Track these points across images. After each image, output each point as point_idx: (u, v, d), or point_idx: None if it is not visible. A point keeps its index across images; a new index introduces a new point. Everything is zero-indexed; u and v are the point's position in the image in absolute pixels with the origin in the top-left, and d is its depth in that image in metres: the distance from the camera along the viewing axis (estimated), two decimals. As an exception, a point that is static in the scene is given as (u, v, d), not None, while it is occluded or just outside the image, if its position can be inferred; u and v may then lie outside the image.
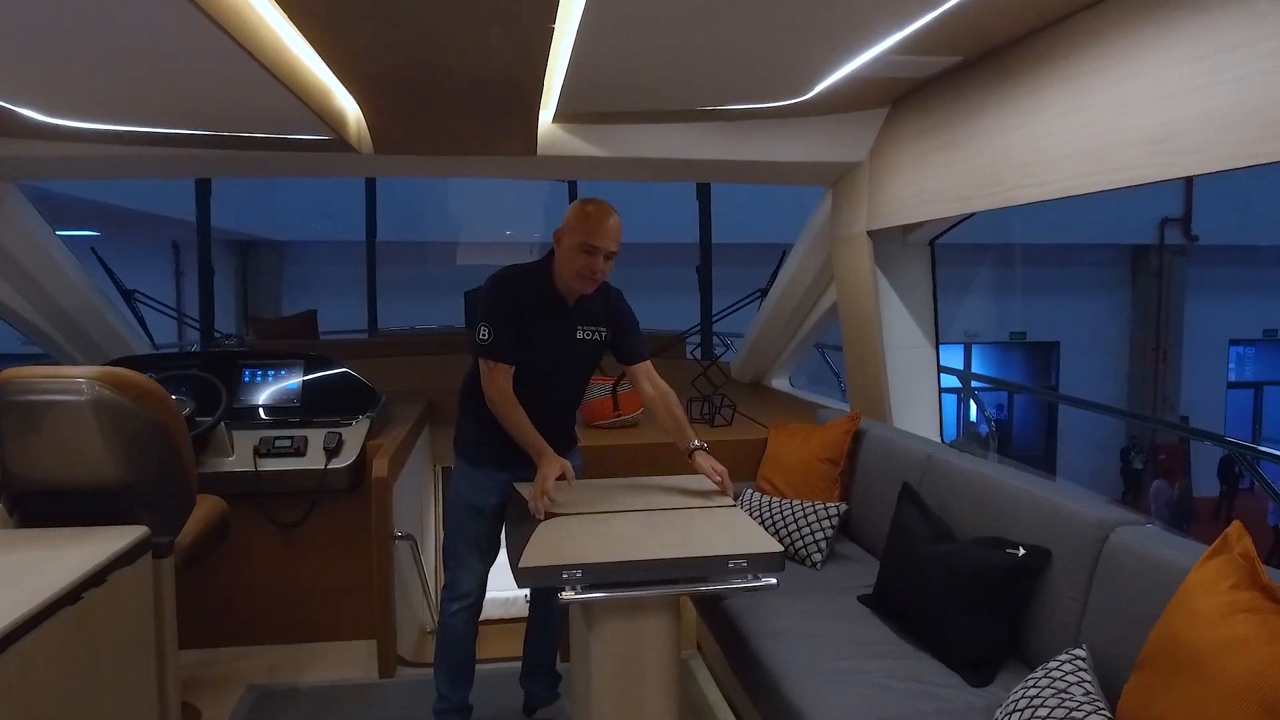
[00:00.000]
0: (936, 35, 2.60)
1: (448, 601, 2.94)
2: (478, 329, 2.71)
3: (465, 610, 2.93)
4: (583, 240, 2.64)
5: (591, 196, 2.80)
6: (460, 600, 2.92)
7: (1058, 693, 1.81)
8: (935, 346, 3.80)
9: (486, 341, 2.69)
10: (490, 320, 2.69)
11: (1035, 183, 2.52)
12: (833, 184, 3.91)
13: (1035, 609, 2.25)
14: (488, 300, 2.73)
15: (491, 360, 2.70)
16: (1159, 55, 2.07)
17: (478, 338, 2.71)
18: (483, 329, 2.70)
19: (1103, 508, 2.22)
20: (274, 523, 3.74)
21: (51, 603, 1.99)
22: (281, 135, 3.34)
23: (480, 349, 2.71)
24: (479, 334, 2.71)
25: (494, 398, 2.71)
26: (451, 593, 2.93)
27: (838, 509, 3.14)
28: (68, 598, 2.08)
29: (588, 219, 2.66)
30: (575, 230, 2.66)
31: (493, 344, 2.69)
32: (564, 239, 2.69)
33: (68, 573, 2.12)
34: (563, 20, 2.33)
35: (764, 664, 2.39)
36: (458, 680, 3.00)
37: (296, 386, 4.01)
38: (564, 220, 2.72)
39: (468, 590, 2.93)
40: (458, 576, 2.92)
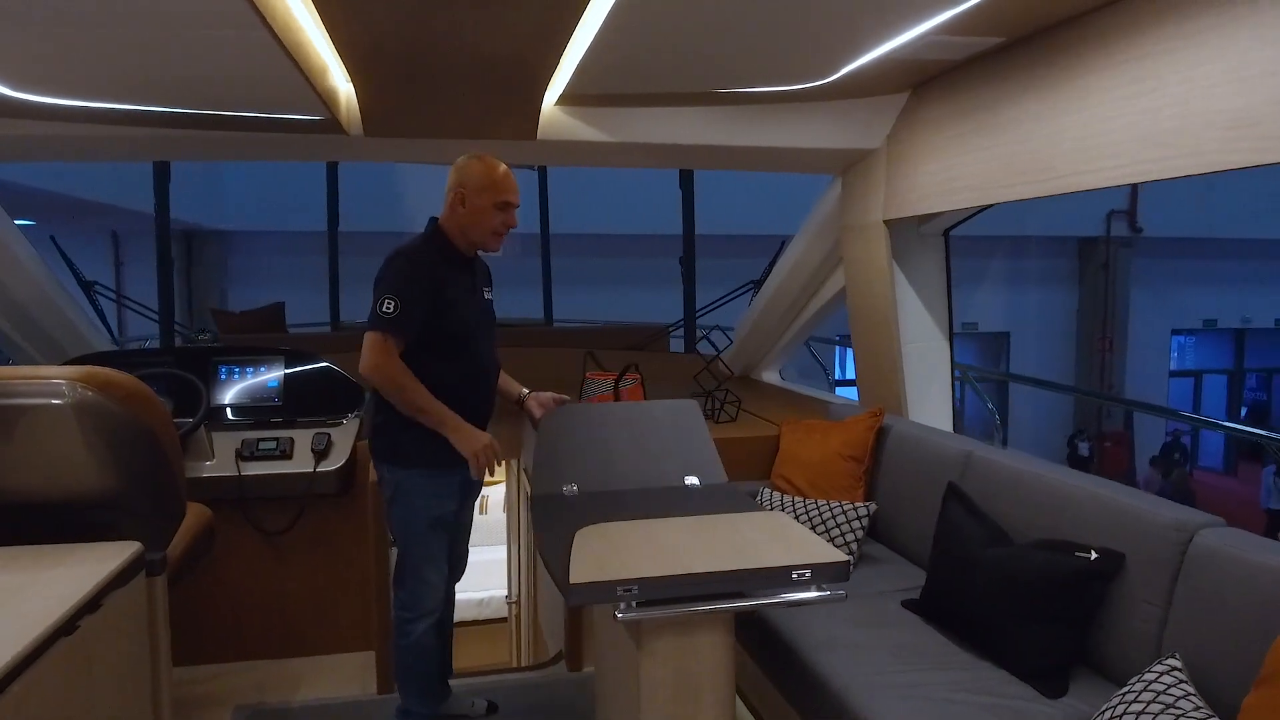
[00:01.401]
0: (980, 14, 2.49)
1: (410, 621, 2.77)
2: (381, 302, 2.53)
3: (434, 626, 2.80)
4: (502, 199, 2.64)
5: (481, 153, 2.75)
6: (426, 618, 2.78)
7: (1165, 707, 1.71)
8: (949, 339, 3.71)
9: (392, 314, 2.52)
10: (400, 294, 2.53)
11: (1093, 169, 2.43)
12: (843, 171, 3.79)
13: (1108, 615, 2.15)
14: (402, 275, 2.57)
15: (393, 334, 2.54)
16: (1243, 36, 1.97)
17: (381, 310, 2.52)
18: (387, 302, 2.53)
19: (1175, 508, 2.14)
20: (259, 530, 3.50)
21: (48, 636, 1.78)
22: (269, 115, 3.11)
23: (378, 322, 2.52)
24: (383, 307, 2.52)
25: (394, 373, 2.55)
26: (415, 611, 2.77)
27: (867, 509, 3.02)
28: (64, 628, 1.86)
29: (501, 176, 2.66)
30: (489, 189, 2.64)
31: (399, 317, 2.53)
32: (471, 198, 2.65)
33: (60, 599, 1.91)
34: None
35: (821, 677, 2.26)
36: (428, 697, 2.89)
37: (277, 384, 3.77)
38: (464, 178, 2.67)
39: (434, 607, 2.79)
40: (420, 595, 2.76)
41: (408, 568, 2.75)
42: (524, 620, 5.65)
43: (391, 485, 2.74)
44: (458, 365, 2.68)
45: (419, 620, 2.75)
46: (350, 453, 3.52)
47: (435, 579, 2.76)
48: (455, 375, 2.72)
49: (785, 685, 2.49)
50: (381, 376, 2.56)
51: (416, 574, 2.74)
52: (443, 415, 2.60)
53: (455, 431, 2.60)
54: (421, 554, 2.73)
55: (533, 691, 3.33)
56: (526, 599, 5.35)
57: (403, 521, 2.74)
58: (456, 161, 2.70)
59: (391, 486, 2.74)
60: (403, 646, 2.80)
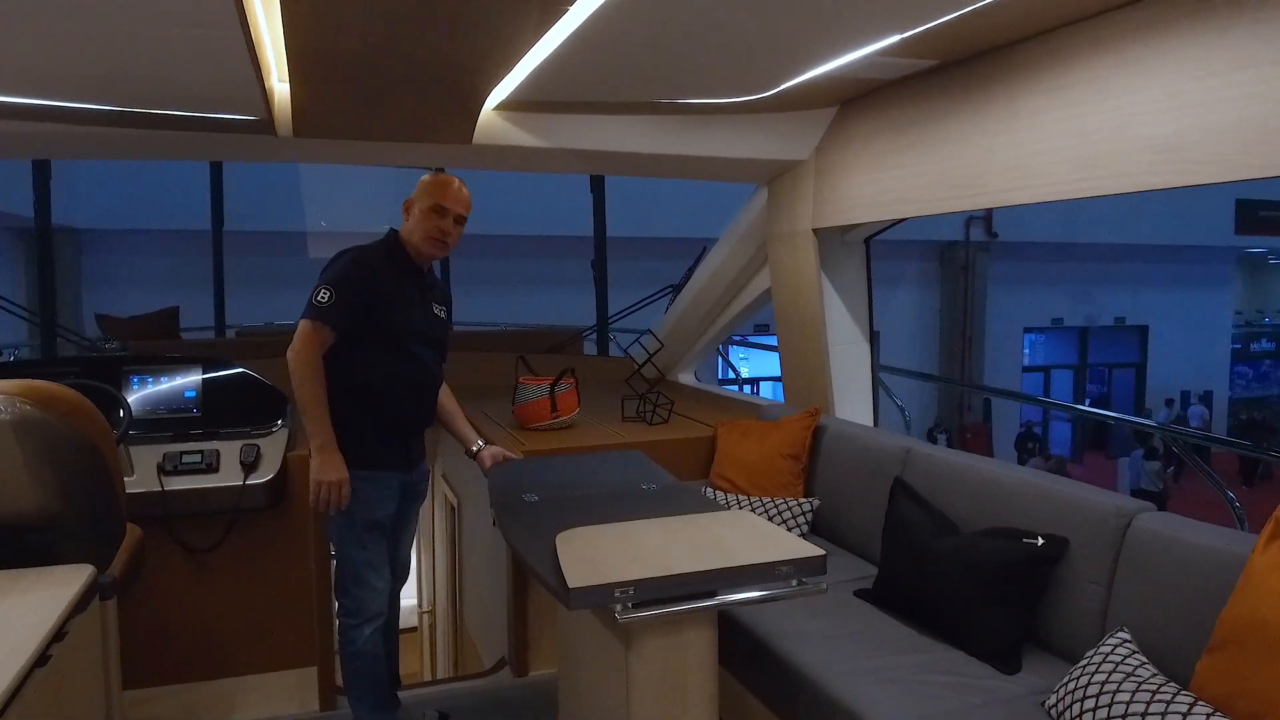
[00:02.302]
0: (919, 39, 2.65)
1: (356, 627, 2.77)
2: (316, 291, 2.60)
3: (378, 632, 2.81)
4: (434, 202, 2.70)
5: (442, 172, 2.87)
6: (372, 623, 2.78)
7: (1126, 676, 1.89)
8: (870, 341, 3.92)
9: (325, 303, 2.58)
10: (335, 285, 2.60)
11: (1025, 185, 2.63)
12: (768, 181, 3.93)
13: (1055, 596, 2.35)
14: (341, 268, 2.64)
15: (321, 323, 2.58)
16: (1170, 69, 2.20)
17: (315, 300, 2.58)
18: (323, 291, 2.59)
19: (1112, 496, 2.35)
20: (184, 548, 3.34)
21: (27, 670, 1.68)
22: (203, 114, 2.98)
23: (312, 308, 2.58)
24: (317, 296, 2.59)
25: (306, 366, 2.56)
26: (359, 616, 2.77)
27: (810, 504, 3.16)
28: (40, 659, 1.76)
29: (438, 184, 2.73)
30: (426, 194, 2.72)
31: (331, 307, 2.58)
32: (413, 206, 2.74)
33: (25, 628, 1.80)
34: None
35: (795, 667, 2.36)
36: (380, 706, 2.86)
37: (194, 394, 3.60)
38: (415, 190, 2.77)
39: (378, 611, 2.80)
40: (364, 600, 2.76)
41: (348, 573, 2.74)
42: (440, 629, 5.57)
43: None
44: (392, 367, 2.71)
45: (364, 625, 2.75)
46: (281, 464, 3.40)
47: (378, 582, 2.76)
48: (388, 377, 2.72)
49: (750, 678, 2.59)
50: (296, 364, 2.57)
51: (358, 579, 2.73)
52: (319, 431, 2.60)
53: (318, 453, 2.60)
54: (361, 558, 2.73)
55: (482, 700, 3.32)
56: (445, 608, 5.28)
57: (340, 526, 2.72)
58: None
59: None
60: (349, 654, 2.77)
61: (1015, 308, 17.47)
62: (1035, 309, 17.86)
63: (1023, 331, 18.06)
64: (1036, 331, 18.52)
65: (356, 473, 2.65)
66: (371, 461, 2.71)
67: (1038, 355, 18.95)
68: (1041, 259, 17.26)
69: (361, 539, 2.74)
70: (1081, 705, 1.91)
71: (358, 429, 2.69)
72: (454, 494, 4.76)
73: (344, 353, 2.65)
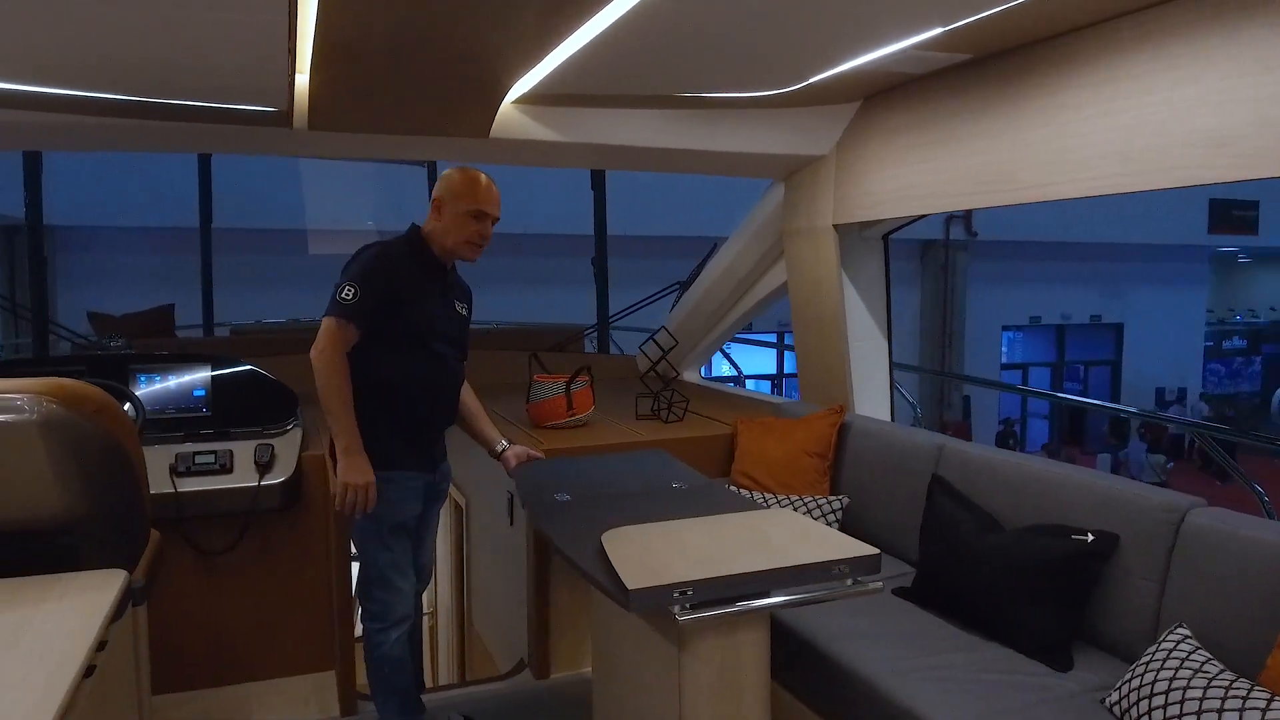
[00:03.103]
0: (957, 33, 2.63)
1: (382, 631, 2.71)
2: (340, 288, 2.54)
3: (405, 636, 2.75)
4: (473, 207, 2.64)
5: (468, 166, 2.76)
6: (399, 626, 2.73)
7: (1195, 671, 1.88)
8: (888, 337, 3.90)
9: (349, 300, 2.53)
10: (360, 282, 2.54)
11: (1065, 180, 2.62)
12: (786, 177, 3.91)
13: (1105, 593, 2.34)
14: (366, 265, 2.59)
15: (346, 320, 2.53)
16: (1220, 64, 2.19)
17: (340, 297, 2.53)
18: (347, 289, 2.54)
19: (1160, 492, 2.35)
20: (199, 550, 3.25)
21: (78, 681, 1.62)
22: (221, 105, 2.89)
23: (335, 307, 2.53)
24: (341, 293, 2.53)
25: (331, 359, 2.52)
26: (385, 620, 2.71)
27: (840, 502, 3.14)
28: (87, 670, 1.69)
29: (476, 185, 2.66)
30: (463, 197, 2.65)
31: (356, 304, 2.53)
32: (446, 206, 2.67)
33: (67, 637, 1.74)
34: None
35: (846, 668, 2.33)
36: (409, 710, 2.81)
37: (204, 393, 3.50)
38: (443, 188, 2.69)
39: (405, 614, 2.74)
40: (390, 603, 2.71)
41: (372, 577, 2.69)
42: (443, 632, 5.49)
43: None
44: (415, 366, 2.66)
45: (391, 629, 2.69)
46: (296, 464, 3.33)
47: (403, 585, 2.71)
48: (408, 376, 2.68)
49: (794, 681, 2.55)
50: (321, 363, 2.53)
51: (382, 582, 2.68)
52: (345, 432, 2.55)
53: (344, 455, 2.56)
54: (387, 561, 2.67)
55: (505, 703, 3.26)
56: (450, 610, 5.21)
57: (365, 529, 2.67)
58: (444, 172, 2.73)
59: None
60: (376, 660, 2.71)
61: (994, 306, 17.62)
62: (1013, 307, 18.03)
63: (1001, 329, 18.23)
64: (1015, 329, 18.71)
65: (379, 473, 2.60)
66: (394, 462, 2.66)
67: (1016, 353, 19.14)
68: (1020, 258, 17.43)
69: (386, 541, 2.69)
70: (1150, 703, 1.89)
71: (380, 429, 2.64)
72: (461, 494, 4.69)
73: (365, 350, 2.61)
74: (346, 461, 2.55)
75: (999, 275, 17.56)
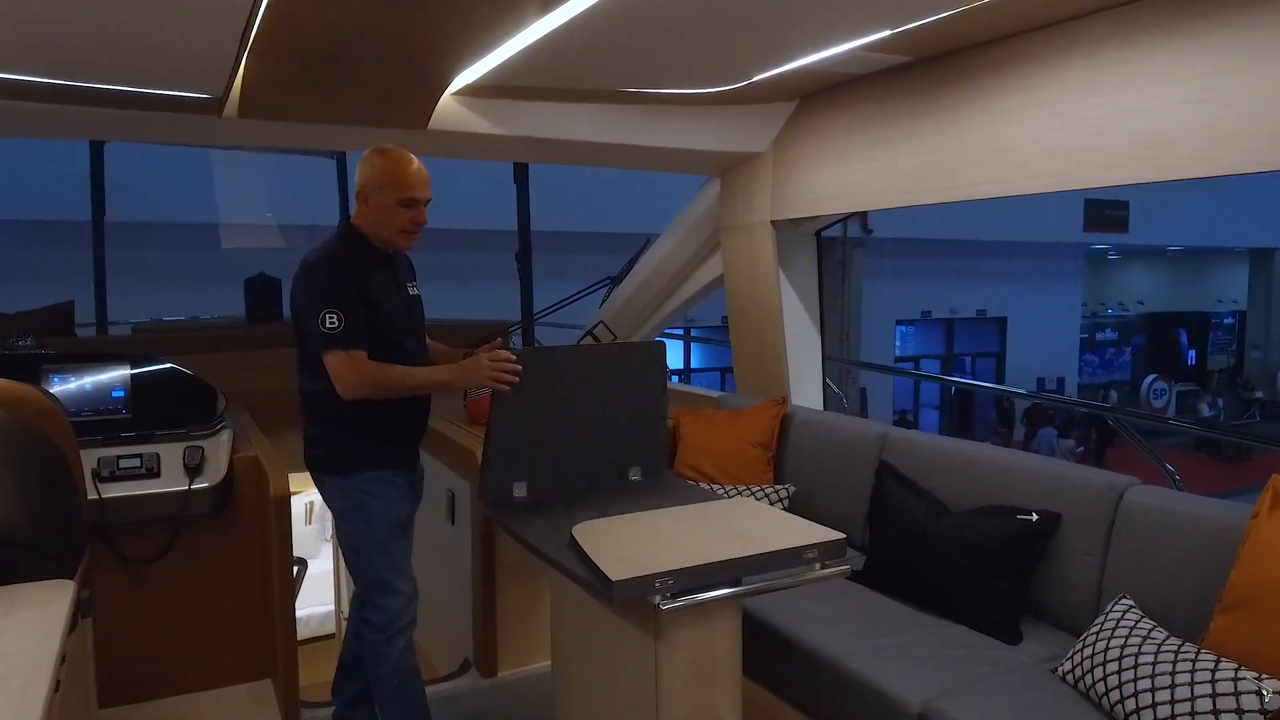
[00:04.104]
0: (898, 35, 2.74)
1: (387, 641, 2.57)
2: (321, 318, 2.40)
3: (411, 643, 2.64)
4: (405, 195, 2.49)
5: (385, 145, 2.58)
6: (404, 633, 2.61)
7: (1143, 638, 2.02)
8: (821, 330, 4.01)
9: (337, 329, 2.40)
10: (335, 304, 2.41)
11: (1000, 179, 2.75)
12: (722, 173, 3.97)
13: (1050, 569, 2.47)
14: (327, 283, 2.45)
15: (349, 349, 2.43)
16: (1154, 70, 2.34)
17: (324, 327, 2.40)
18: (329, 316, 2.40)
19: (1099, 473, 2.50)
20: (126, 559, 3.09)
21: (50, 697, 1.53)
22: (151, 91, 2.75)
23: (333, 338, 2.40)
24: (325, 323, 2.40)
25: (362, 377, 2.43)
26: (390, 630, 2.57)
27: (787, 491, 3.22)
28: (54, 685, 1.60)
29: (402, 170, 2.50)
30: (392, 185, 2.49)
31: (346, 330, 2.41)
32: (374, 196, 2.50)
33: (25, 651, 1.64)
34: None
35: (810, 650, 2.40)
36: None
37: (123, 393, 3.33)
38: (366, 175, 2.52)
39: (410, 620, 2.63)
40: (391, 610, 2.58)
41: (372, 583, 2.56)
42: (366, 634, 5.36)
43: (341, 498, 2.55)
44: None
45: (397, 637, 2.56)
46: (228, 467, 3.20)
47: (405, 587, 2.59)
48: None
49: (763, 666, 2.60)
50: (369, 387, 2.44)
51: (384, 587, 2.56)
52: (432, 379, 2.53)
53: (457, 376, 2.53)
54: (387, 564, 2.56)
55: (457, 704, 3.22)
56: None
57: (360, 533, 2.55)
58: (361, 156, 2.56)
59: (342, 499, 2.55)
60: (384, 672, 2.57)
61: (888, 301, 18.26)
62: (906, 302, 18.72)
63: (895, 323, 18.90)
64: (907, 323, 19.43)
65: (372, 474, 2.52)
66: (383, 461, 2.57)
67: (908, 346, 19.88)
68: (912, 255, 18.11)
69: (384, 543, 2.56)
70: (1103, 669, 2.02)
71: (363, 432, 2.54)
72: None
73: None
74: (462, 376, 2.53)
75: (892, 272, 18.21)
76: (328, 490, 2.57)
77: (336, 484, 2.55)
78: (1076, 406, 16.18)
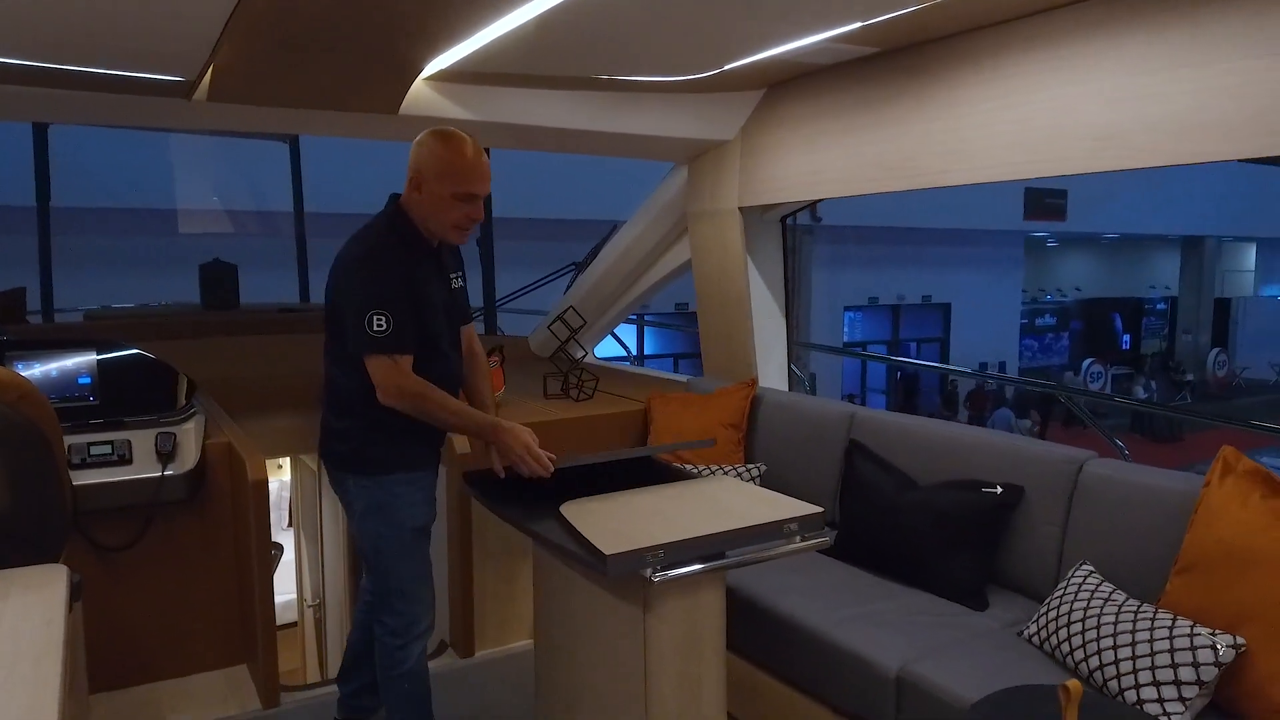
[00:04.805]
0: (869, 28, 2.83)
1: (403, 647, 2.50)
2: (367, 319, 2.24)
3: (424, 650, 2.59)
4: (464, 190, 2.31)
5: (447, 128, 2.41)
6: (420, 640, 2.54)
7: (1105, 600, 2.15)
8: (786, 315, 4.11)
9: (386, 332, 2.25)
10: (384, 305, 2.26)
11: (963, 168, 2.86)
12: (689, 160, 4.03)
13: (1013, 539, 2.60)
14: (373, 280, 2.29)
15: (396, 355, 2.29)
16: (1108, 65, 2.47)
17: (371, 330, 2.24)
18: (376, 318, 2.24)
19: (1059, 447, 2.63)
20: (99, 547, 3.06)
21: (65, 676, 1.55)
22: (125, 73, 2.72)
23: (378, 343, 2.26)
24: (372, 325, 2.24)
25: (405, 390, 2.31)
26: (408, 635, 2.50)
27: (758, 469, 3.31)
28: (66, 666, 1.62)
29: (462, 161, 2.31)
30: (447, 176, 2.30)
31: (394, 333, 2.26)
32: (429, 184, 2.31)
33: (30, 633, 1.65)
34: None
35: (788, 620, 2.50)
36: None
37: (89, 380, 3.28)
38: (422, 160, 2.33)
39: (428, 626, 2.57)
40: (411, 616, 2.51)
41: (394, 589, 2.48)
42: (331, 623, 5.34)
43: (364, 498, 2.45)
44: (427, 368, 2.39)
45: (413, 643, 2.51)
46: (201, 453, 3.19)
47: (426, 594, 2.53)
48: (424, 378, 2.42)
49: (743, 639, 2.69)
50: (405, 402, 2.32)
51: (405, 594, 2.48)
52: (472, 425, 2.39)
53: (490, 435, 2.37)
54: (409, 571, 2.48)
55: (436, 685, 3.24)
56: (340, 599, 5.07)
57: (383, 537, 2.46)
58: (417, 138, 2.39)
59: (364, 499, 2.45)
60: (396, 675, 2.52)
61: (836, 287, 18.55)
62: (854, 288, 19.03)
63: (843, 309, 19.21)
64: (855, 309, 19.75)
65: (397, 476, 2.44)
66: (413, 463, 2.47)
67: (856, 331, 20.22)
68: (860, 242, 18.41)
69: (409, 548, 2.48)
70: (1068, 630, 2.15)
71: (394, 431, 2.41)
72: None
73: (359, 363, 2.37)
74: (494, 439, 2.37)
75: (841, 258, 18.49)
76: (349, 489, 2.48)
77: (360, 484, 2.45)
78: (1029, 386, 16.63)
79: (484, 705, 3.11)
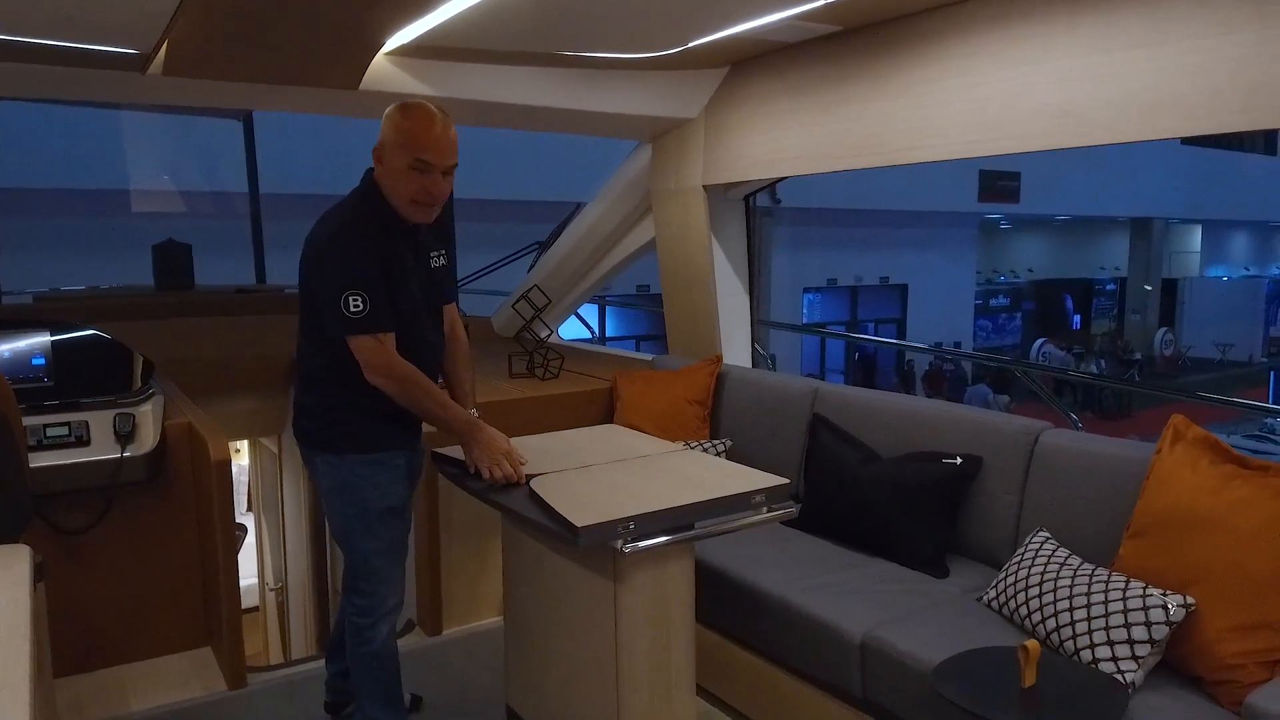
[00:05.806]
0: (832, 6, 2.85)
1: (371, 626, 2.48)
2: (343, 300, 2.20)
3: (393, 629, 2.57)
4: (415, 157, 2.20)
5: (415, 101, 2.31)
6: (388, 619, 2.52)
7: (1061, 565, 2.22)
8: (750, 293, 4.15)
9: (363, 312, 2.21)
10: (358, 284, 2.21)
11: (924, 145, 2.91)
12: (653, 138, 4.04)
13: (972, 508, 2.67)
14: (345, 258, 2.23)
15: (377, 333, 2.26)
16: (1066, 44, 2.52)
17: (348, 311, 2.20)
18: (352, 299, 2.20)
19: (1016, 419, 2.70)
20: (56, 530, 3.01)
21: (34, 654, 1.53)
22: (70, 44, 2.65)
23: (357, 323, 2.23)
24: (349, 306, 2.20)
25: (397, 374, 2.29)
26: (373, 614, 2.48)
27: (724, 444, 3.35)
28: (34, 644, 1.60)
29: (418, 127, 2.22)
30: (403, 145, 2.21)
31: (372, 313, 2.22)
32: (388, 156, 2.24)
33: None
34: None
35: (756, 589, 2.54)
36: (395, 703, 2.63)
37: (43, 360, 3.22)
38: (384, 131, 2.26)
39: (395, 605, 2.55)
40: (376, 595, 2.48)
41: (358, 568, 2.46)
42: (295, 607, 5.31)
43: (330, 476, 2.43)
44: (402, 354, 2.34)
45: (380, 622, 2.48)
46: (160, 434, 3.15)
47: (395, 572, 2.50)
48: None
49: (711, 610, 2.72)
50: (390, 384, 2.30)
51: (369, 573, 2.46)
52: (454, 421, 2.38)
53: (467, 434, 2.38)
54: (374, 548, 2.45)
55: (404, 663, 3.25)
56: (304, 582, 5.04)
57: (349, 516, 2.44)
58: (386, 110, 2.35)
59: (330, 478, 2.43)
60: (364, 655, 2.50)
61: (795, 269, 18.69)
62: (813, 270, 19.19)
63: (802, 291, 19.37)
64: (814, 291, 19.93)
65: (362, 456, 2.40)
66: (380, 443, 2.42)
67: (815, 313, 20.41)
68: (819, 224, 18.56)
69: (373, 528, 2.44)
70: (1026, 594, 2.21)
71: (365, 410, 2.38)
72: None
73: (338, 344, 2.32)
74: (473, 438, 2.37)
75: (800, 240, 18.63)
76: (317, 466, 2.46)
77: (327, 461, 2.42)
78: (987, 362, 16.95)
79: (454, 682, 3.12)
